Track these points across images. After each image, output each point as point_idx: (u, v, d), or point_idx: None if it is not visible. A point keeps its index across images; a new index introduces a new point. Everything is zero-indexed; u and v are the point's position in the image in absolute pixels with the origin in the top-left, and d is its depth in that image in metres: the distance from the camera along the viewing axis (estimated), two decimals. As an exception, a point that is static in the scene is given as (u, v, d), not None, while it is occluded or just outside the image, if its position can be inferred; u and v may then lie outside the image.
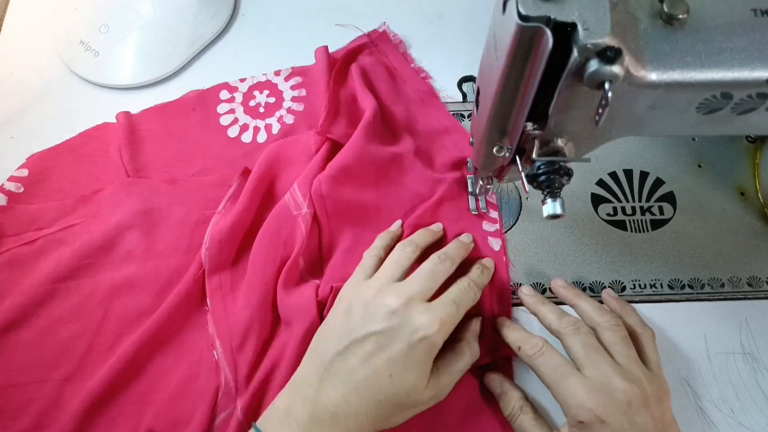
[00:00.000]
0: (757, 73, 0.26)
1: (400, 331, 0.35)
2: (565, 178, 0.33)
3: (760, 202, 0.49)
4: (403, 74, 0.54)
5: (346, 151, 0.47)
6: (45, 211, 0.48)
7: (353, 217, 0.47)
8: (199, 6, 0.56)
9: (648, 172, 0.50)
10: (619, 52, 0.24)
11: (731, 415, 0.41)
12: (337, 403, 0.35)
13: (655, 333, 0.43)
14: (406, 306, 0.36)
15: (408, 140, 0.50)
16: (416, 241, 0.43)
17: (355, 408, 0.35)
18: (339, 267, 0.45)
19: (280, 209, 0.47)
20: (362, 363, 0.35)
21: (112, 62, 0.55)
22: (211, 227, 0.47)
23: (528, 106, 0.29)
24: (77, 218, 0.48)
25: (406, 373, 0.35)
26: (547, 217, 0.33)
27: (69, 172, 0.51)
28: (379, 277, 0.40)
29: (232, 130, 0.53)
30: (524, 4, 0.24)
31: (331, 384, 0.35)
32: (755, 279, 0.46)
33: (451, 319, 0.37)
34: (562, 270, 0.46)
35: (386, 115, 0.52)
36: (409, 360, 0.35)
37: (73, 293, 0.45)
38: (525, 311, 0.45)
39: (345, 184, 0.47)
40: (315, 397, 0.35)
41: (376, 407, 0.35)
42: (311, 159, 0.48)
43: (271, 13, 0.58)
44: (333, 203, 0.46)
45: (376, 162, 0.48)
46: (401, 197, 0.48)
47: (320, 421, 0.34)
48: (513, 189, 0.49)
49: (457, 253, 0.42)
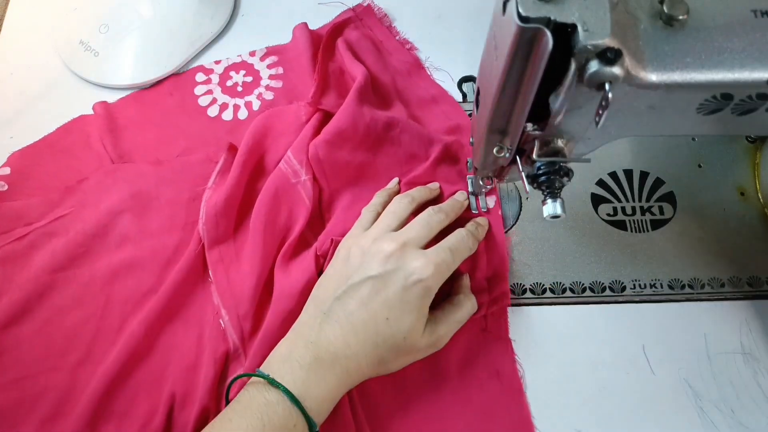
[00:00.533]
0: (757, 74, 0.26)
1: (396, 275, 0.37)
2: (565, 179, 0.33)
3: (760, 202, 0.49)
4: (388, 47, 0.55)
5: (339, 115, 0.48)
6: (32, 207, 0.49)
7: (351, 178, 0.48)
8: (199, 6, 0.56)
9: (648, 172, 0.50)
10: (619, 53, 0.24)
11: (731, 415, 0.41)
12: (337, 345, 0.36)
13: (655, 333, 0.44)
14: (402, 251, 0.38)
15: (399, 106, 0.51)
16: (413, 194, 0.44)
17: (354, 349, 0.36)
18: (339, 223, 0.46)
19: (278, 178, 0.47)
20: (360, 306, 0.37)
21: (112, 62, 0.55)
22: (205, 202, 0.47)
23: (528, 106, 0.29)
24: (65, 209, 0.49)
25: (402, 316, 0.36)
26: (548, 217, 0.33)
27: (51, 168, 0.51)
28: (377, 226, 0.41)
29: (212, 109, 0.53)
30: (524, 5, 0.24)
31: (330, 327, 0.37)
32: (755, 279, 0.46)
33: (446, 265, 0.38)
34: (562, 270, 0.46)
35: (376, 84, 0.52)
36: (404, 303, 0.36)
37: (72, 282, 0.46)
38: (525, 311, 0.45)
39: (341, 147, 0.48)
40: (316, 340, 0.37)
41: (373, 349, 0.37)
42: (299, 128, 0.49)
43: (271, 13, 0.58)
44: (330, 166, 0.47)
45: (371, 124, 0.48)
46: (398, 157, 0.49)
47: (321, 361, 0.36)
48: (513, 189, 0.49)
49: (451, 207, 0.43)
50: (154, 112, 0.53)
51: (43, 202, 0.49)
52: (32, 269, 0.46)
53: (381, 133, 0.49)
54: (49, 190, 0.50)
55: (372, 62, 0.53)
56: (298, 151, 0.48)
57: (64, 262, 0.46)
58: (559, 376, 0.43)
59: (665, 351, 0.43)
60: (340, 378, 0.36)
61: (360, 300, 0.37)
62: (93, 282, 0.46)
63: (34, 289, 0.45)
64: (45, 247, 0.47)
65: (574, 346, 0.44)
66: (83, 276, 0.46)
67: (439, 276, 0.37)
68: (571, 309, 0.45)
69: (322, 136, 0.47)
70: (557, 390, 0.42)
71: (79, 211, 0.48)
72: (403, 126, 0.49)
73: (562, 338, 0.44)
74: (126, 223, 0.47)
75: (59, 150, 0.51)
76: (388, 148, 0.49)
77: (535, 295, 0.45)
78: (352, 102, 0.48)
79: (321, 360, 0.36)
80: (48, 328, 0.44)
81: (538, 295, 0.45)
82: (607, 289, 0.45)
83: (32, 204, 0.49)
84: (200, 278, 0.46)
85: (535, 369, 0.43)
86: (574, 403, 0.42)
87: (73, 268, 0.46)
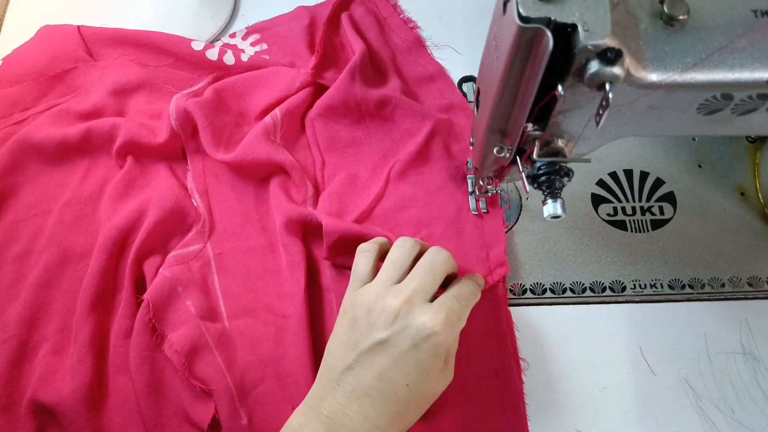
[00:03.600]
0: (758, 74, 0.26)
1: (405, 335, 0.34)
2: (565, 179, 0.33)
3: (760, 202, 0.49)
4: (391, 23, 0.56)
5: (331, 92, 0.50)
6: (24, 92, 0.52)
7: (344, 151, 0.50)
8: (199, 6, 0.56)
9: (648, 172, 0.50)
10: (619, 53, 0.24)
11: (731, 415, 0.41)
12: (354, 420, 0.34)
13: (656, 333, 0.44)
14: (408, 307, 0.35)
15: (395, 81, 0.52)
16: (413, 240, 0.41)
17: (374, 422, 0.34)
18: (335, 193, 0.48)
19: (260, 130, 0.48)
20: (376, 378, 0.34)
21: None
22: (173, 102, 0.49)
23: (528, 106, 0.29)
24: (57, 98, 0.52)
25: (421, 378, 0.34)
26: (548, 217, 0.33)
27: (34, 56, 0.53)
28: (378, 280, 0.38)
29: (197, 44, 0.53)
30: (524, 5, 0.24)
31: (345, 400, 0.34)
32: (755, 279, 0.46)
33: (455, 315, 0.35)
34: (562, 270, 0.46)
35: (375, 59, 0.53)
36: (419, 363, 0.34)
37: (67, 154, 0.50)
38: (525, 311, 0.45)
39: (336, 121, 0.50)
40: (331, 415, 0.34)
41: (395, 417, 0.35)
42: (289, 92, 0.50)
43: (271, 13, 0.58)
44: (324, 140, 0.50)
45: (362, 102, 0.50)
46: (392, 134, 0.50)
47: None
48: (513, 189, 0.49)
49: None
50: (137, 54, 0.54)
51: (34, 87, 0.52)
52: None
53: (373, 111, 0.50)
54: (33, 76, 0.52)
55: (374, 38, 0.54)
56: (284, 112, 0.49)
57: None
58: (559, 376, 0.43)
59: (665, 351, 0.43)
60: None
61: (375, 371, 0.34)
62: (82, 156, 0.50)
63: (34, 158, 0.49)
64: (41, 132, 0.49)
65: (574, 346, 0.44)
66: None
67: (449, 328, 0.35)
68: (571, 309, 0.45)
69: (315, 110, 0.50)
70: (557, 390, 0.42)
71: (70, 102, 0.51)
72: (396, 102, 0.50)
73: (562, 338, 0.44)
74: (108, 114, 0.51)
75: (42, 44, 0.54)
76: (381, 125, 0.50)
77: (535, 295, 0.45)
78: (345, 80, 0.49)
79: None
80: (41, 178, 0.49)
81: (538, 295, 0.45)
82: (607, 289, 0.45)
83: (23, 89, 0.52)
84: (174, 161, 0.50)
85: (535, 369, 0.43)
86: (574, 403, 0.42)
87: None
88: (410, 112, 0.50)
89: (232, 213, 0.48)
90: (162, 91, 0.52)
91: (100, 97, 0.51)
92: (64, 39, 0.53)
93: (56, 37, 0.53)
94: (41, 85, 0.52)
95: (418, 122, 0.49)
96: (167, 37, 0.53)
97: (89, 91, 0.52)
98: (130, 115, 0.51)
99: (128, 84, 0.51)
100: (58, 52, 0.52)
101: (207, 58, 0.53)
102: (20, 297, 0.44)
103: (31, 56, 0.53)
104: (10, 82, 0.52)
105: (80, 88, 0.52)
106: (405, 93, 0.51)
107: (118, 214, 0.46)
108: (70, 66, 0.52)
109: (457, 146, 0.50)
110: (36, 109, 0.51)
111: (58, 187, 0.49)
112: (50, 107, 0.51)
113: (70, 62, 0.52)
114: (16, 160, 0.49)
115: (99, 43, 0.53)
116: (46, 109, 0.51)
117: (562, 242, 0.47)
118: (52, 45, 0.53)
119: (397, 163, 0.49)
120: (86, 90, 0.52)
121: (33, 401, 0.40)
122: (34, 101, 0.52)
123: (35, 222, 0.47)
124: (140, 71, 0.52)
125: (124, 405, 0.41)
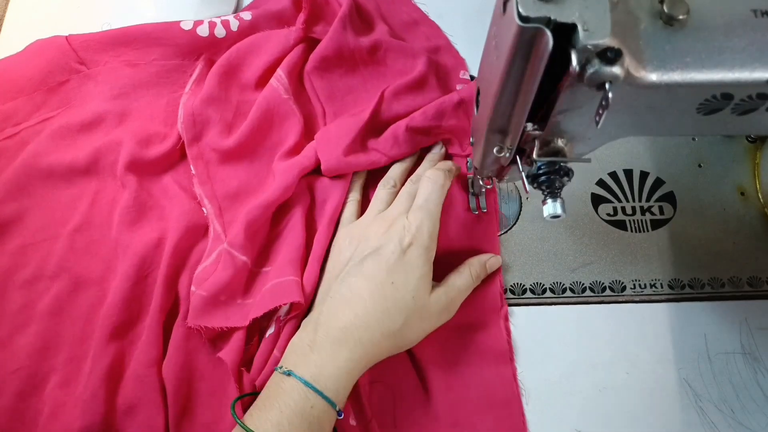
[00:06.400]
0: (758, 74, 0.26)
1: (390, 244, 0.39)
2: (565, 179, 0.33)
3: (760, 202, 0.49)
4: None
5: (325, 43, 0.50)
6: (18, 108, 0.51)
7: (343, 99, 0.51)
8: (199, 6, 0.56)
9: (648, 172, 0.50)
10: (619, 53, 0.24)
11: (731, 415, 0.41)
12: (346, 318, 0.37)
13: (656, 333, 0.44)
14: (392, 225, 0.40)
15: (382, 27, 0.53)
16: (394, 178, 0.46)
17: (364, 319, 0.37)
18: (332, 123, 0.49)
19: (269, 93, 0.49)
20: (364, 279, 0.38)
21: (112, 62, 0.55)
22: (182, 105, 0.49)
23: (528, 106, 0.29)
24: (51, 111, 0.51)
25: (406, 276, 0.38)
26: (548, 217, 0.33)
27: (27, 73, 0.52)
28: (366, 215, 0.44)
29: (186, 23, 0.53)
30: (524, 4, 0.24)
31: (335, 303, 0.38)
32: (755, 279, 0.46)
33: (429, 216, 0.40)
34: (562, 270, 0.46)
35: (360, 9, 0.54)
36: (405, 264, 0.38)
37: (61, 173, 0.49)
38: (525, 311, 0.45)
39: (331, 72, 0.50)
40: (322, 319, 0.38)
41: (384, 315, 0.37)
42: (285, 51, 0.51)
43: (271, 13, 0.58)
44: (322, 90, 0.50)
45: (356, 50, 0.51)
46: (386, 77, 0.51)
47: (331, 338, 0.37)
48: (513, 189, 0.49)
49: (431, 166, 0.45)
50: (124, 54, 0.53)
51: (28, 102, 0.51)
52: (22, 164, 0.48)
53: (366, 57, 0.51)
54: (27, 92, 0.51)
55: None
56: (288, 71, 0.50)
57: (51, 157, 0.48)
58: (559, 376, 0.43)
59: (665, 351, 0.43)
60: (353, 351, 0.36)
61: (362, 274, 0.38)
62: (77, 173, 0.48)
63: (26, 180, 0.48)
64: (34, 141, 0.49)
65: (574, 346, 0.44)
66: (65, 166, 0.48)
67: (426, 230, 0.39)
68: (571, 309, 0.45)
69: (311, 63, 0.50)
70: (557, 390, 0.42)
71: (65, 113, 0.51)
72: (387, 45, 0.51)
73: (562, 338, 0.44)
74: (109, 123, 0.50)
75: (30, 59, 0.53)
76: (375, 69, 0.51)
77: (535, 295, 0.45)
78: (337, 30, 0.50)
79: (331, 337, 0.37)
80: (44, 203, 0.48)
81: (538, 295, 0.45)
82: (607, 289, 0.45)
83: (17, 105, 0.51)
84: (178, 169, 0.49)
85: (535, 369, 0.43)
86: (574, 403, 0.42)
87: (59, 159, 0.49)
88: (401, 54, 0.51)
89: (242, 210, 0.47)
90: (158, 87, 0.51)
91: (98, 105, 0.50)
92: (55, 52, 0.52)
93: (47, 50, 0.52)
94: (34, 99, 0.51)
95: (411, 62, 0.51)
96: (156, 25, 0.52)
97: (85, 102, 0.51)
98: (132, 117, 0.50)
99: (123, 88, 0.51)
100: (51, 66, 0.51)
101: (198, 36, 0.52)
102: (31, 326, 0.43)
103: (24, 72, 0.51)
104: (4, 100, 0.51)
105: (73, 99, 0.51)
106: (393, 37, 0.52)
107: (137, 241, 0.45)
108: (63, 79, 0.52)
109: (448, 83, 0.52)
110: (28, 123, 0.50)
111: (66, 211, 0.47)
112: (43, 120, 0.50)
113: (64, 74, 0.51)
114: (22, 184, 0.47)
115: (90, 50, 0.52)
116: (38, 123, 0.50)
117: (561, 242, 0.47)
118: (45, 59, 0.52)
119: (388, 97, 0.49)
120: (81, 101, 0.51)
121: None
122: (27, 116, 0.50)
123: (43, 247, 0.46)
124: (131, 72, 0.51)
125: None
